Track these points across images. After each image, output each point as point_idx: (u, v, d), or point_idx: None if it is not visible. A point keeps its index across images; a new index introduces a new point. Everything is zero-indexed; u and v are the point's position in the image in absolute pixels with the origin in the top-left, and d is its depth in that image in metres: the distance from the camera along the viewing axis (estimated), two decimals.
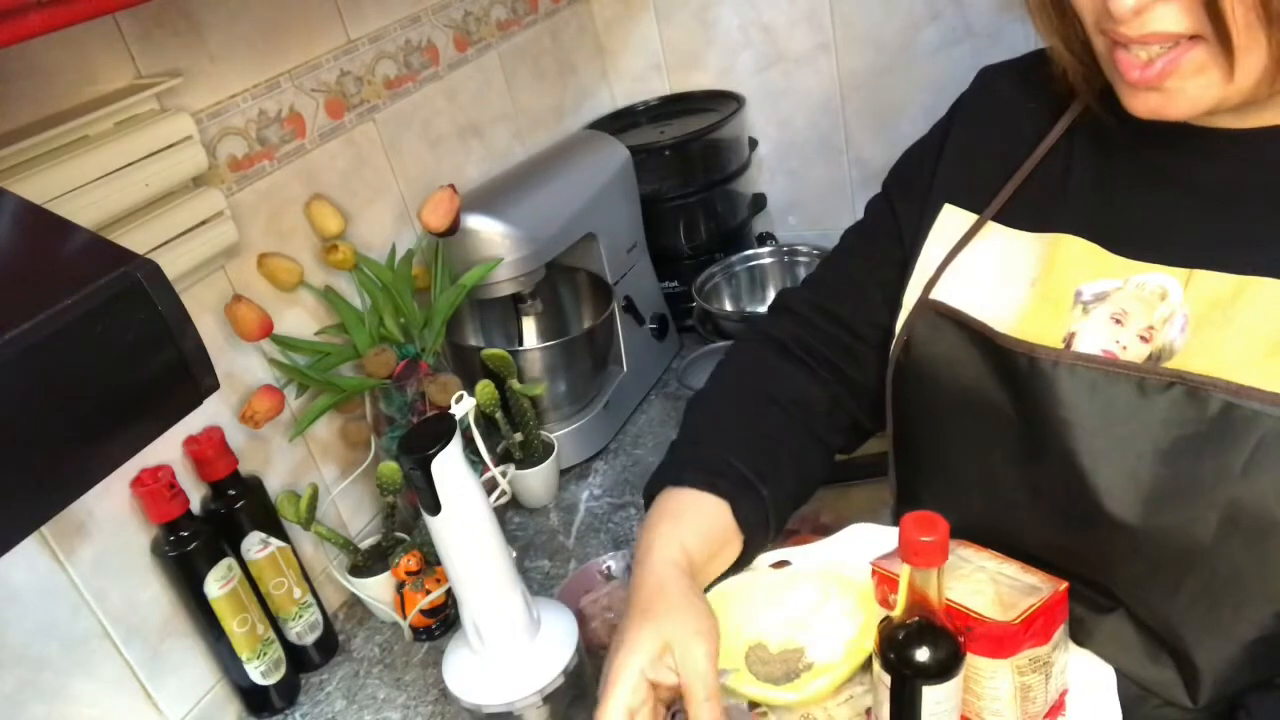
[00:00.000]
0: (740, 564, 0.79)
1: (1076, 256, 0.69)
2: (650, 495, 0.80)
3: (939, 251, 0.77)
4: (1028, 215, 0.74)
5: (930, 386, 0.76)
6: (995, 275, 0.73)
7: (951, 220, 0.77)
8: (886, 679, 0.61)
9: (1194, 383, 0.61)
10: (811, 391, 0.85)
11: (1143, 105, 0.63)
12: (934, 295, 0.75)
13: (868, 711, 0.70)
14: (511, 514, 1.26)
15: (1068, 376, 0.66)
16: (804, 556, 0.81)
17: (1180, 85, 0.60)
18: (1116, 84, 0.64)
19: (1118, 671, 0.69)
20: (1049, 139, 0.74)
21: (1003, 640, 0.63)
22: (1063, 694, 0.69)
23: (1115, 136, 0.70)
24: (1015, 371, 0.69)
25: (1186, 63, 0.59)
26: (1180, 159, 0.67)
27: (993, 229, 0.75)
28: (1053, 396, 0.67)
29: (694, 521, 0.75)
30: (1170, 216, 0.67)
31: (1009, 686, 0.65)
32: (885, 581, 0.69)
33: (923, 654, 0.59)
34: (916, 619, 0.60)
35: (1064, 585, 0.66)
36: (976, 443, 0.74)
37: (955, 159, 0.80)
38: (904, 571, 0.59)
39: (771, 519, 0.79)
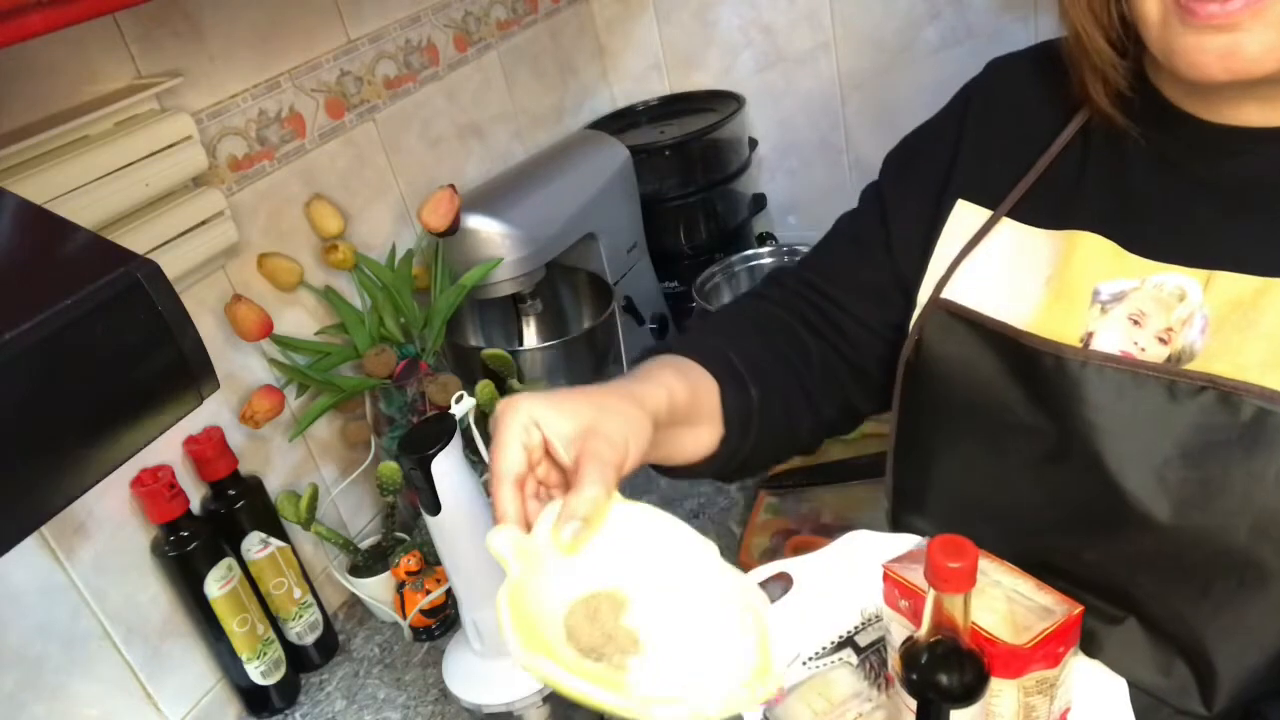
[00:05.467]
0: (705, 467, 0.74)
1: (1093, 254, 0.68)
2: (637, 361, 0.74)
3: (951, 249, 0.75)
4: (1043, 211, 0.72)
5: (942, 387, 0.75)
6: (1009, 273, 0.72)
7: (965, 217, 0.75)
8: (911, 702, 0.60)
9: (1226, 387, 0.60)
10: (806, 343, 0.82)
11: (1210, 54, 0.59)
12: (945, 294, 0.74)
13: None
14: None
15: (1095, 378, 0.65)
16: (802, 568, 0.80)
17: (1258, 29, 0.57)
18: (1175, 43, 0.61)
19: (1129, 682, 0.69)
20: (1065, 133, 0.73)
21: (1012, 662, 0.62)
22: (1064, 712, 0.69)
23: (1128, 132, 0.69)
24: (1038, 372, 0.68)
25: (1270, 6, 0.56)
26: (1199, 156, 0.66)
27: (1006, 225, 0.73)
28: (1079, 398, 0.66)
29: (687, 378, 0.70)
30: (1189, 216, 0.66)
31: (1013, 705, 0.64)
32: (897, 586, 0.67)
33: (949, 677, 0.58)
34: (942, 642, 0.58)
35: (1079, 609, 0.64)
36: (990, 445, 0.73)
37: (970, 154, 0.78)
38: (929, 595, 0.58)
39: (753, 430, 0.74)
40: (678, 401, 0.67)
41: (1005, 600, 0.66)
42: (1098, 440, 0.65)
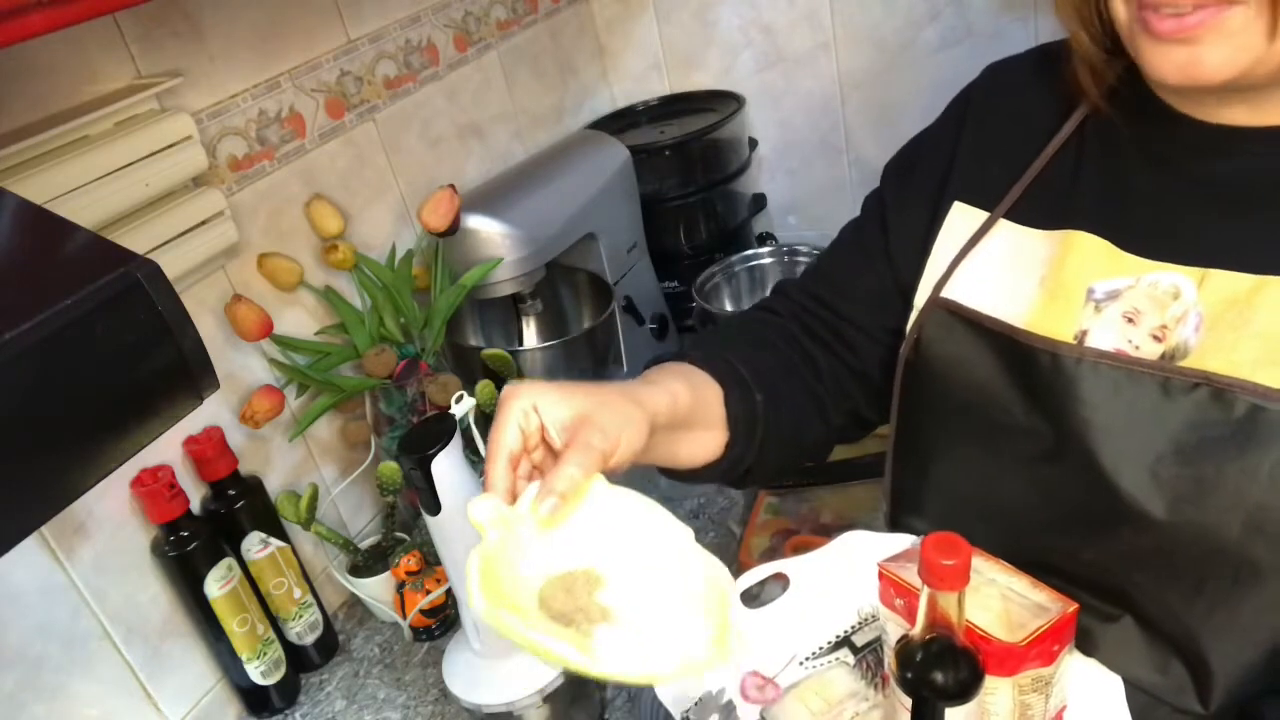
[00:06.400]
0: (711, 472, 0.75)
1: (1088, 253, 0.68)
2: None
3: (949, 250, 0.76)
4: (1039, 212, 0.72)
5: (939, 386, 0.75)
6: (1005, 272, 0.72)
7: (962, 218, 0.76)
8: (906, 700, 0.60)
9: (1220, 384, 0.61)
10: (814, 354, 0.83)
11: (1171, 64, 0.60)
12: (945, 294, 0.74)
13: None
14: None
15: (1090, 375, 0.65)
16: (799, 568, 0.80)
17: (1215, 42, 0.58)
18: (1142, 51, 0.62)
19: (1125, 680, 0.69)
20: (1060, 135, 0.73)
21: (1006, 660, 0.63)
22: (1060, 710, 0.69)
23: (1123, 132, 0.69)
24: (1034, 370, 0.68)
25: (1225, 21, 0.57)
26: (1194, 156, 0.66)
27: (1003, 226, 0.74)
28: (1074, 395, 0.66)
29: (692, 383, 0.72)
30: (1183, 215, 0.66)
31: (1008, 703, 0.64)
32: (892, 585, 0.68)
33: (944, 675, 0.58)
34: (936, 640, 0.59)
35: (1073, 607, 0.65)
36: (987, 445, 0.74)
37: (967, 157, 0.78)
38: (924, 593, 0.58)
39: (758, 436, 0.76)
40: (680, 404, 0.69)
41: (1000, 598, 0.66)
42: (1092, 438, 0.65)
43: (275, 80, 1.05)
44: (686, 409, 0.69)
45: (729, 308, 1.55)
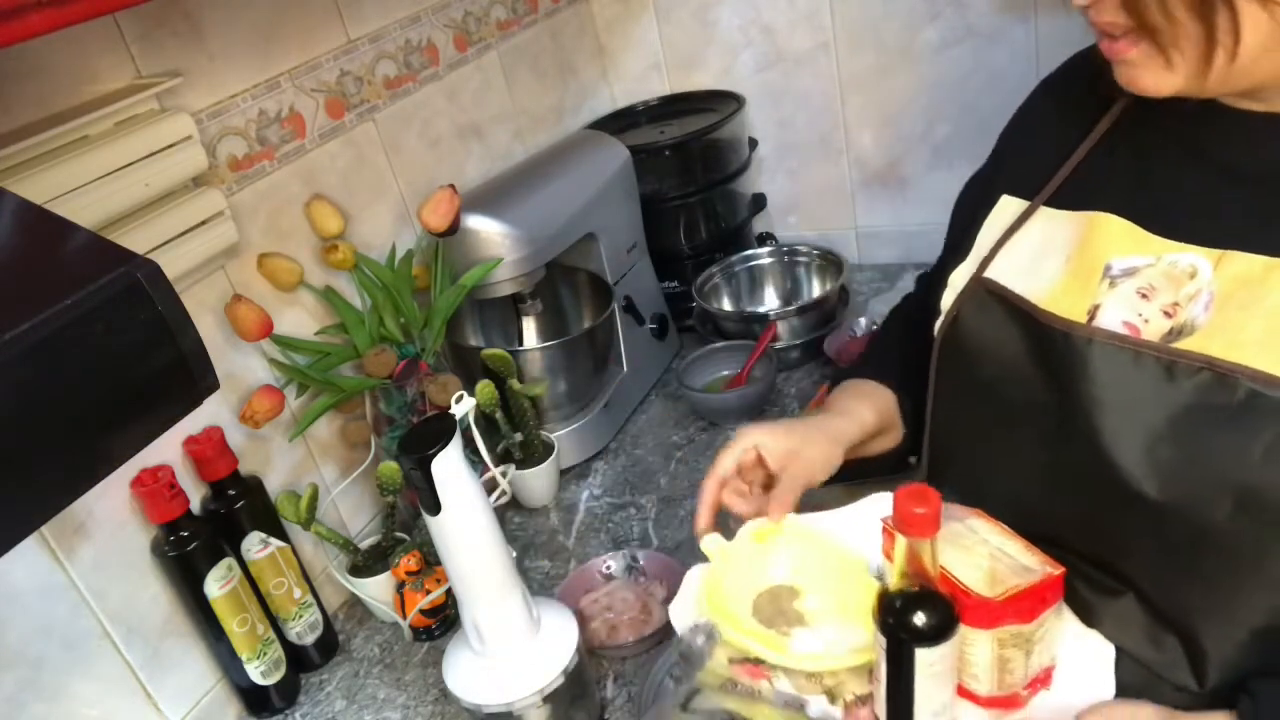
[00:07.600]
0: (888, 460, 0.91)
1: (1113, 234, 0.71)
2: (834, 384, 0.97)
3: (992, 236, 0.80)
4: (1071, 197, 0.76)
5: (969, 364, 0.79)
6: (1035, 253, 0.76)
7: (1007, 209, 0.81)
8: (883, 641, 0.64)
9: (1222, 369, 0.63)
10: None
11: (1121, 77, 0.67)
12: (987, 274, 0.78)
13: (871, 671, 0.71)
14: (511, 514, 1.26)
15: (1100, 355, 0.68)
16: (821, 525, 0.83)
17: (1143, 65, 0.65)
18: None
19: (1125, 654, 0.71)
20: (1099, 128, 0.77)
21: (983, 613, 0.67)
22: (1048, 669, 0.71)
23: (1156, 121, 0.72)
24: (1051, 348, 0.71)
25: (1137, 51, 0.64)
26: (1218, 142, 0.69)
27: (1041, 212, 0.78)
28: (1085, 374, 0.68)
29: (874, 401, 0.90)
30: (1206, 198, 0.69)
31: (988, 655, 0.68)
32: (890, 537, 0.71)
33: (918, 619, 0.62)
34: (913, 586, 0.63)
35: (1059, 571, 0.69)
36: (1007, 423, 0.76)
37: (1014, 155, 0.84)
38: (899, 541, 0.62)
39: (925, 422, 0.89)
40: (867, 427, 0.87)
41: (989, 557, 0.70)
42: (1098, 416, 0.68)
43: (275, 80, 1.05)
44: (873, 427, 0.88)
45: (729, 308, 1.55)
